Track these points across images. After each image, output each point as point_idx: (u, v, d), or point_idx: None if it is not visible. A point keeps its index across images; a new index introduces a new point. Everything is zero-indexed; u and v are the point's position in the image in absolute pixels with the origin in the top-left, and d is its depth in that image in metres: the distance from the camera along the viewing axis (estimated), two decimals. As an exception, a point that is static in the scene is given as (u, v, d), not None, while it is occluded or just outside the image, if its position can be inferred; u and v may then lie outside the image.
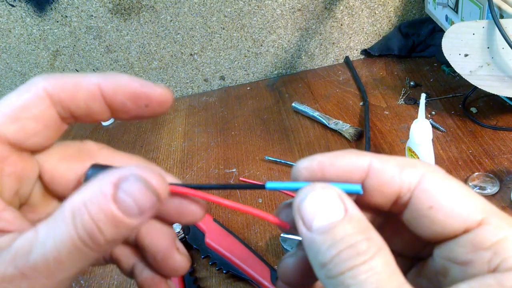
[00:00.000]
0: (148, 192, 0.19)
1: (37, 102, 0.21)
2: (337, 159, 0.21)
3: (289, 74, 1.00)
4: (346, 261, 0.17)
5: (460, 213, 0.18)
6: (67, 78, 0.22)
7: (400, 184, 0.20)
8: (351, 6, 0.92)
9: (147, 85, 0.22)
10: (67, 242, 0.18)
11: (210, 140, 0.84)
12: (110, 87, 0.22)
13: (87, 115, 0.22)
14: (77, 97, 0.22)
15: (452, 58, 0.65)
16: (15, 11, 0.87)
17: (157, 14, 0.90)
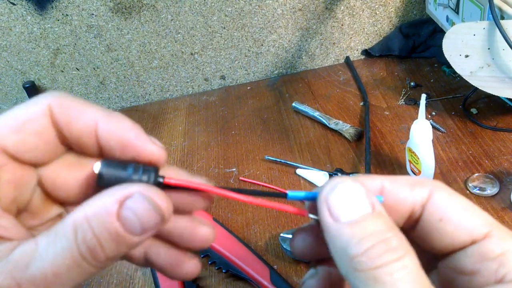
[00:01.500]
0: (153, 211, 0.19)
1: (40, 117, 0.21)
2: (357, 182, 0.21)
3: (289, 74, 1.00)
4: (381, 255, 0.17)
5: (468, 225, 0.20)
6: (72, 103, 0.22)
7: (413, 202, 0.21)
8: (352, 6, 0.92)
9: (140, 139, 0.21)
10: (67, 256, 0.18)
11: (210, 139, 0.84)
12: (105, 130, 0.21)
13: (76, 145, 0.22)
14: (72, 127, 0.21)
15: (453, 59, 0.65)
16: (16, 9, 0.87)
17: (157, 13, 0.90)
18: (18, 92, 0.98)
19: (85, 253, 0.18)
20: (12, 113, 0.21)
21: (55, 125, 0.21)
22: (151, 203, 0.19)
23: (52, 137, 0.22)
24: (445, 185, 0.21)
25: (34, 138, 0.21)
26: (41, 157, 0.22)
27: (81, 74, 0.97)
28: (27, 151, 0.21)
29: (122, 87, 1.00)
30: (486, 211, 0.60)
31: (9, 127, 0.20)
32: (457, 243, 0.20)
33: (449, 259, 0.20)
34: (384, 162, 0.68)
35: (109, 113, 0.22)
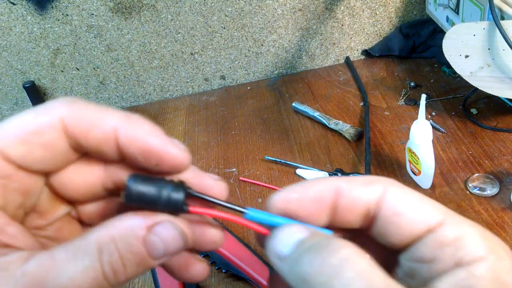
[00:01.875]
0: (180, 238, 0.20)
1: (49, 130, 0.20)
2: (308, 188, 0.22)
3: (289, 74, 1.00)
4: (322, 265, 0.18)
5: (422, 216, 0.20)
6: (87, 111, 0.21)
7: (368, 199, 0.21)
8: (352, 6, 0.92)
9: (163, 144, 0.21)
10: (90, 275, 0.18)
11: (210, 139, 0.84)
12: (125, 137, 0.21)
13: (96, 153, 0.22)
14: (90, 135, 0.21)
15: (453, 59, 0.65)
16: (16, 9, 0.87)
17: (158, 13, 0.90)
18: (18, 92, 0.98)
19: (108, 273, 0.19)
20: (20, 121, 0.20)
21: (69, 136, 0.21)
22: (179, 232, 0.20)
23: (63, 148, 0.21)
24: (398, 182, 0.22)
25: (42, 150, 0.20)
26: (49, 168, 0.21)
27: (81, 74, 0.97)
28: (35, 163, 0.21)
29: (122, 87, 1.00)
30: (486, 211, 0.60)
31: (17, 137, 0.20)
32: (414, 234, 0.20)
33: (409, 251, 0.21)
34: (384, 162, 0.68)
35: (128, 117, 0.21)
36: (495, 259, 0.18)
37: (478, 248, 0.19)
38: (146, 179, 0.21)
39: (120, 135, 0.21)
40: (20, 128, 0.20)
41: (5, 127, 0.20)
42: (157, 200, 0.21)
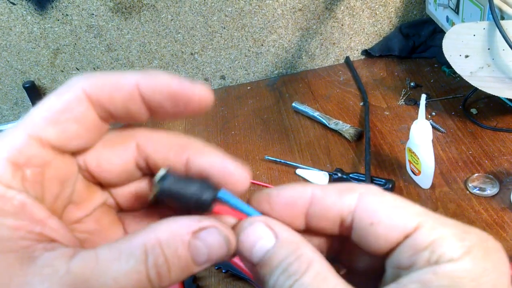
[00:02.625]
0: (224, 244, 0.20)
1: (76, 104, 0.20)
2: (283, 191, 0.23)
3: (289, 74, 1.00)
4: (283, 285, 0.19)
5: (398, 222, 0.20)
6: (105, 78, 0.21)
7: (341, 208, 0.21)
8: (352, 6, 0.92)
9: (186, 84, 0.21)
10: (134, 277, 0.18)
11: (210, 139, 0.84)
12: (148, 88, 0.21)
13: (125, 116, 0.22)
14: (115, 98, 0.21)
15: (453, 59, 0.65)
16: (16, 9, 0.87)
17: (158, 13, 0.90)
18: (18, 92, 0.98)
19: (153, 277, 0.19)
20: (45, 104, 0.20)
21: (95, 105, 0.21)
22: (224, 238, 0.20)
23: (94, 120, 0.21)
24: (376, 187, 0.22)
25: (74, 126, 0.20)
26: (83, 144, 0.21)
27: (81, 74, 0.97)
28: (70, 141, 0.21)
29: (122, 87, 0.99)
30: (486, 211, 0.60)
31: (47, 120, 0.20)
32: (391, 241, 0.20)
33: (390, 258, 0.21)
34: (384, 162, 0.68)
35: (143, 73, 0.22)
36: (470, 260, 0.18)
37: (453, 250, 0.19)
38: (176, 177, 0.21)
39: (143, 89, 0.21)
40: (48, 110, 0.20)
41: (32, 113, 0.20)
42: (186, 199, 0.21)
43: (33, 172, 0.19)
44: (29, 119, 0.20)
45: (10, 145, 0.19)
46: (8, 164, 0.19)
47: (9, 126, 1.00)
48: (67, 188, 0.21)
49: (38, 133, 0.20)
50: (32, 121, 0.20)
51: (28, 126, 0.20)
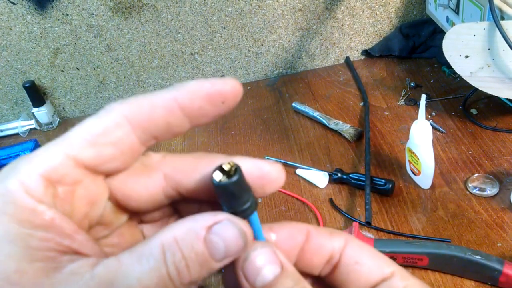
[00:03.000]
0: (240, 237, 0.20)
1: (115, 128, 0.21)
2: (285, 224, 0.24)
3: (289, 74, 1.00)
4: None
5: (378, 265, 0.23)
6: (142, 100, 0.22)
7: (333, 247, 0.24)
8: (352, 6, 0.92)
9: (218, 82, 0.22)
10: (155, 276, 0.19)
11: (210, 139, 0.84)
12: (185, 97, 0.21)
13: (167, 131, 0.22)
14: (155, 116, 0.21)
15: (453, 59, 0.65)
16: (16, 9, 0.87)
17: (158, 13, 0.90)
18: (18, 92, 0.98)
19: (172, 274, 0.19)
20: (84, 126, 0.21)
21: (137, 129, 0.21)
22: (239, 230, 0.20)
23: (130, 144, 0.21)
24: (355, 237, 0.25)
25: (111, 149, 0.21)
26: (117, 167, 0.22)
27: (81, 74, 0.97)
28: (104, 163, 0.21)
29: (122, 87, 1.00)
30: (486, 211, 0.60)
31: (85, 141, 0.20)
32: (371, 282, 0.23)
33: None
34: (384, 163, 0.68)
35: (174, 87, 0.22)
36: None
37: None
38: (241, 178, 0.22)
39: (181, 99, 0.21)
40: (86, 132, 0.21)
41: (70, 134, 0.21)
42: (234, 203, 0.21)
43: (65, 190, 0.20)
44: (66, 138, 0.21)
45: (45, 161, 0.20)
46: (41, 180, 0.19)
47: (9, 126, 1.00)
48: (96, 210, 0.22)
49: (74, 153, 0.20)
50: (69, 140, 0.20)
51: (65, 145, 0.20)
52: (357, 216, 0.60)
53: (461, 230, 0.55)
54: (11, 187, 0.19)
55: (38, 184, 0.19)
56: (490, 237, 0.54)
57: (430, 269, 0.51)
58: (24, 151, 0.89)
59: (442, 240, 0.54)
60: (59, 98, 1.00)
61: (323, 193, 0.66)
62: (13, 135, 1.00)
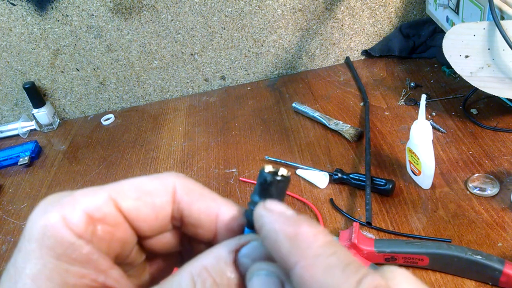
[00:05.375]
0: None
1: (162, 193, 0.22)
2: None
3: (289, 74, 1.00)
4: None
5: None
6: (196, 185, 0.23)
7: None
8: (352, 6, 0.92)
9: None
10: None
11: (210, 139, 0.84)
12: (227, 221, 0.22)
13: (192, 228, 0.23)
14: (194, 208, 0.22)
15: (453, 59, 0.65)
16: (16, 10, 0.87)
17: (158, 14, 0.90)
18: (18, 93, 0.98)
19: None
20: (136, 180, 0.22)
21: (175, 203, 0.22)
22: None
23: (167, 214, 0.22)
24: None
25: (150, 210, 0.22)
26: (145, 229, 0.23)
27: (81, 75, 0.97)
28: (138, 220, 0.22)
29: (122, 88, 1.00)
30: (486, 211, 0.60)
31: (131, 192, 0.21)
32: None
33: None
34: (384, 162, 0.68)
35: (228, 202, 0.23)
36: None
37: None
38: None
39: (221, 220, 0.22)
40: (136, 186, 0.22)
41: (123, 182, 0.22)
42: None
43: (104, 229, 0.21)
44: (116, 184, 0.22)
45: (91, 200, 0.21)
46: (83, 216, 0.20)
47: (9, 127, 1.00)
48: (126, 250, 0.23)
49: (119, 199, 0.21)
50: (117, 186, 0.21)
51: (112, 189, 0.21)
52: (357, 216, 0.60)
53: (461, 230, 0.55)
54: (52, 220, 0.19)
55: (79, 220, 0.20)
56: (491, 237, 0.54)
57: (431, 269, 0.51)
58: (25, 152, 0.89)
59: (443, 240, 0.54)
60: (59, 99, 1.00)
61: (324, 193, 0.66)
62: (13, 136, 1.00)
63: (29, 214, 0.22)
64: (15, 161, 0.89)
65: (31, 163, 0.89)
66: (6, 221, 0.76)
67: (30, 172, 0.87)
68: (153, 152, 0.85)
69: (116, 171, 0.82)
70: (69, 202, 0.20)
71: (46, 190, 0.81)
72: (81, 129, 0.98)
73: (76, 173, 0.84)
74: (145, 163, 0.82)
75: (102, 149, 0.89)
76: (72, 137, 0.95)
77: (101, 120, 0.98)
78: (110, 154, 0.87)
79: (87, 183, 0.80)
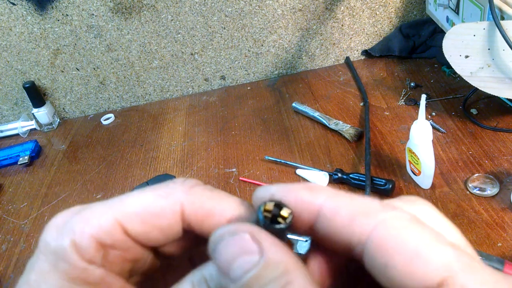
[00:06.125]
0: None
1: (169, 215, 0.21)
2: (289, 193, 0.20)
3: (289, 74, 1.00)
4: None
5: (418, 271, 0.16)
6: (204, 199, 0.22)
7: (351, 234, 0.18)
8: (352, 6, 0.92)
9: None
10: None
11: (210, 139, 0.84)
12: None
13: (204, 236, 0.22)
14: (205, 224, 0.22)
15: (453, 59, 0.65)
16: (16, 9, 0.87)
17: (158, 13, 0.90)
18: (18, 92, 0.98)
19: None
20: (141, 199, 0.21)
21: (185, 222, 0.22)
22: None
23: (177, 231, 0.22)
24: (407, 212, 0.18)
25: (159, 232, 0.22)
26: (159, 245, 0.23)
27: (81, 74, 0.97)
28: (149, 241, 0.22)
29: (122, 87, 1.00)
30: (486, 211, 0.59)
31: (137, 216, 0.21)
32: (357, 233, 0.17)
33: None
34: (384, 162, 0.68)
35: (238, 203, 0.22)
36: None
37: None
38: None
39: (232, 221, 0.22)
40: (142, 207, 0.21)
41: (126, 202, 0.21)
42: None
43: (114, 254, 0.21)
44: (121, 205, 0.21)
45: (98, 224, 0.21)
46: (93, 242, 0.20)
47: (9, 127, 1.00)
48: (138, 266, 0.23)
49: (126, 224, 0.21)
50: (123, 209, 0.21)
51: (118, 212, 0.21)
52: (357, 216, 0.60)
53: (461, 230, 0.55)
54: (64, 245, 0.20)
55: (89, 246, 0.20)
56: (491, 237, 0.54)
57: (431, 269, 0.51)
58: (24, 151, 0.89)
59: (443, 240, 0.54)
60: (59, 98, 1.00)
61: (323, 193, 0.66)
62: (13, 135, 1.00)
63: (29, 214, 0.22)
64: (15, 161, 0.89)
65: (31, 162, 0.89)
66: (6, 220, 0.76)
67: (30, 172, 0.87)
68: (153, 151, 0.85)
69: (116, 171, 0.82)
70: (80, 226, 0.20)
71: (46, 189, 0.81)
72: (81, 129, 0.98)
73: (76, 172, 0.84)
74: (145, 162, 0.82)
75: (102, 149, 0.89)
76: (72, 137, 0.95)
77: (101, 119, 0.98)
78: (110, 154, 0.87)
79: (87, 183, 0.80)
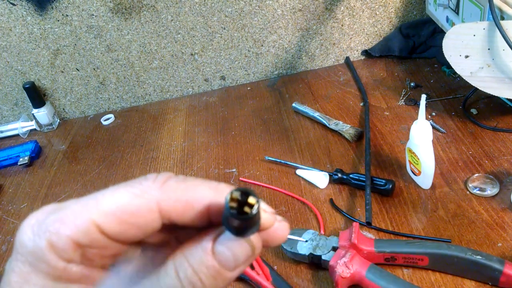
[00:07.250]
0: (245, 245, 0.21)
1: (146, 213, 0.22)
2: None
3: (289, 74, 1.00)
4: None
5: None
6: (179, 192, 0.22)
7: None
8: (352, 6, 0.92)
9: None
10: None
11: (210, 140, 0.84)
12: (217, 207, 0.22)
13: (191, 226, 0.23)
14: (185, 215, 0.22)
15: (453, 59, 0.65)
16: (16, 10, 0.87)
17: (158, 14, 0.90)
18: (18, 93, 0.98)
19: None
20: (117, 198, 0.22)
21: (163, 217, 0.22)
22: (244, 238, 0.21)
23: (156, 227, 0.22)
24: None
25: (137, 230, 0.22)
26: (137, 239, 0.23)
27: (81, 75, 0.97)
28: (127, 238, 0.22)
29: (122, 88, 1.00)
30: (486, 211, 0.60)
31: (113, 216, 0.21)
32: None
33: None
34: (384, 163, 0.68)
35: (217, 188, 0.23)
36: None
37: None
38: None
39: (212, 208, 0.22)
40: (117, 207, 0.21)
41: (101, 202, 0.21)
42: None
43: (92, 252, 0.21)
44: (96, 205, 0.21)
45: (74, 225, 0.21)
46: (70, 242, 0.21)
47: (9, 127, 1.00)
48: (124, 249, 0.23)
49: (102, 224, 0.21)
50: (99, 209, 0.21)
51: (94, 212, 0.21)
52: (357, 216, 0.60)
53: (461, 230, 0.55)
54: (41, 246, 0.20)
55: (66, 247, 0.21)
56: (491, 237, 0.54)
57: (431, 269, 0.51)
58: (24, 152, 0.89)
59: (443, 240, 0.54)
60: (59, 99, 1.00)
61: (323, 193, 0.66)
62: (13, 136, 1.00)
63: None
64: (15, 161, 0.89)
65: (31, 163, 0.89)
66: (6, 221, 0.76)
67: (30, 172, 0.87)
68: (153, 152, 0.85)
69: (116, 171, 0.82)
70: (54, 226, 0.21)
71: (46, 190, 0.81)
72: (81, 129, 0.98)
73: (76, 173, 0.84)
74: (145, 163, 0.82)
75: (102, 149, 0.89)
76: (72, 137, 0.95)
77: (101, 120, 0.98)
78: (110, 154, 0.87)
79: (87, 183, 0.80)
